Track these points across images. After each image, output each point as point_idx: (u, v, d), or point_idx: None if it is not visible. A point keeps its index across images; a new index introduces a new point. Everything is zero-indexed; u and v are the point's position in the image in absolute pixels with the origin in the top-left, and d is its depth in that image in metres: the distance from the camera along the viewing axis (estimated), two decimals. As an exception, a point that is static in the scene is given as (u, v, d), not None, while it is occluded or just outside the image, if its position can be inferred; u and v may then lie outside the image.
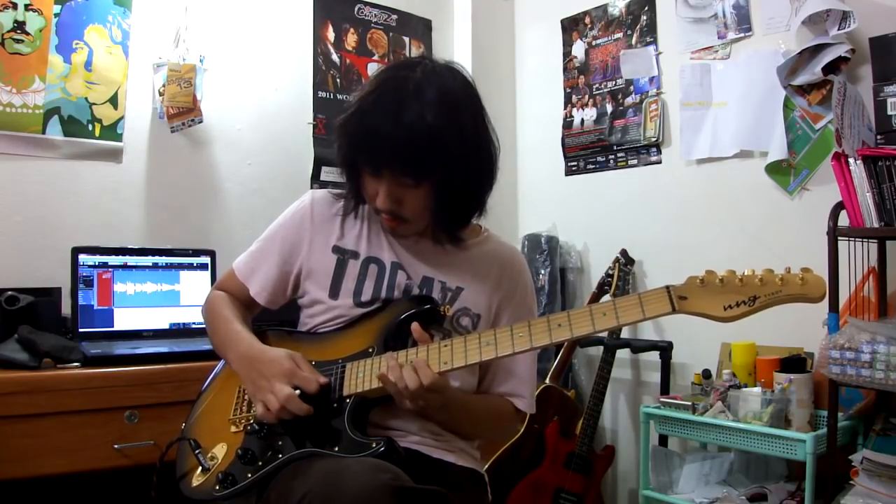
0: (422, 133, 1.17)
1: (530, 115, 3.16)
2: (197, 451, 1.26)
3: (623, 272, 2.56)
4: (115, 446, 1.74)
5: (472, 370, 1.36)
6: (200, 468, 1.25)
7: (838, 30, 2.06)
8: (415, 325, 1.21)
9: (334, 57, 2.80)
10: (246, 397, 1.31)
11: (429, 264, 1.36)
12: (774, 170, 2.30)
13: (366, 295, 1.33)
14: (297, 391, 1.18)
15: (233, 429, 1.29)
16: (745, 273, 1.05)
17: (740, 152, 2.40)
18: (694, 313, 1.06)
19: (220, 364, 1.44)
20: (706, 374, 2.25)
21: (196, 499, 1.23)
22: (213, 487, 1.21)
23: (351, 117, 1.25)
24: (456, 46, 3.10)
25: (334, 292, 1.35)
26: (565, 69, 3.00)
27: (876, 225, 1.86)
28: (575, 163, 2.96)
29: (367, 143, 1.22)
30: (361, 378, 1.22)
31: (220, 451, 1.26)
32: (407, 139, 1.17)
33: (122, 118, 2.30)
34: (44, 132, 2.15)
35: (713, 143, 2.47)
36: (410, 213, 1.28)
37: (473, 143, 1.26)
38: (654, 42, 2.67)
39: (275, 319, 1.46)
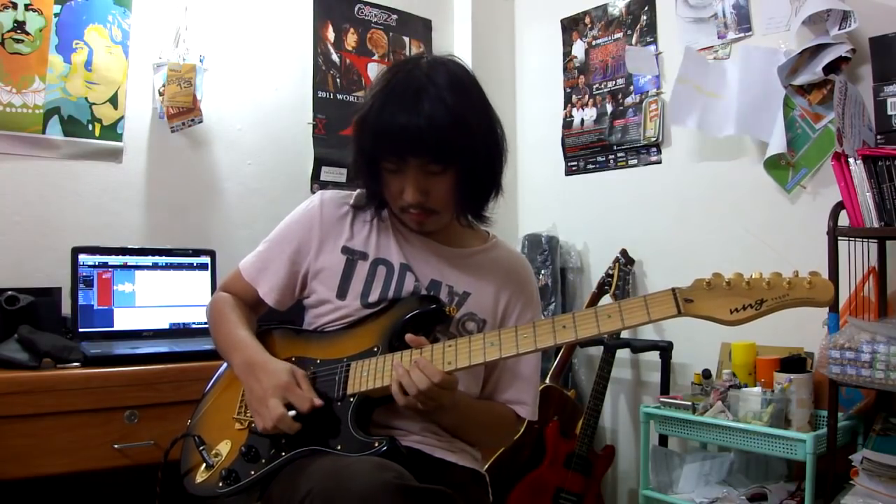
0: (444, 116, 1.19)
1: (530, 115, 3.16)
2: (201, 448, 1.27)
3: (623, 272, 2.56)
4: (115, 446, 1.75)
5: (475, 377, 1.36)
6: (204, 465, 1.25)
7: (839, 29, 2.06)
8: (409, 336, 1.21)
9: (334, 57, 2.80)
10: None
11: (436, 268, 1.36)
12: (773, 166, 2.30)
13: (373, 296, 1.33)
14: (292, 412, 1.17)
15: (237, 426, 1.29)
16: (752, 276, 1.04)
17: (741, 151, 2.40)
18: (700, 316, 1.05)
19: (226, 363, 1.44)
20: (706, 373, 2.25)
21: (199, 495, 1.23)
22: (217, 484, 1.21)
23: (367, 114, 1.24)
24: (456, 46, 3.09)
25: (342, 293, 1.34)
26: (565, 69, 3.01)
27: (876, 225, 1.86)
28: (575, 163, 2.96)
29: (390, 135, 1.21)
30: (366, 377, 1.22)
31: (224, 447, 1.27)
32: (430, 124, 1.18)
33: (122, 118, 2.30)
34: (44, 132, 2.15)
35: (702, 120, 2.40)
36: (439, 202, 1.28)
37: (487, 123, 1.29)
38: (654, 42, 2.67)
39: (278, 318, 1.46)
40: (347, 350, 1.28)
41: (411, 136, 1.19)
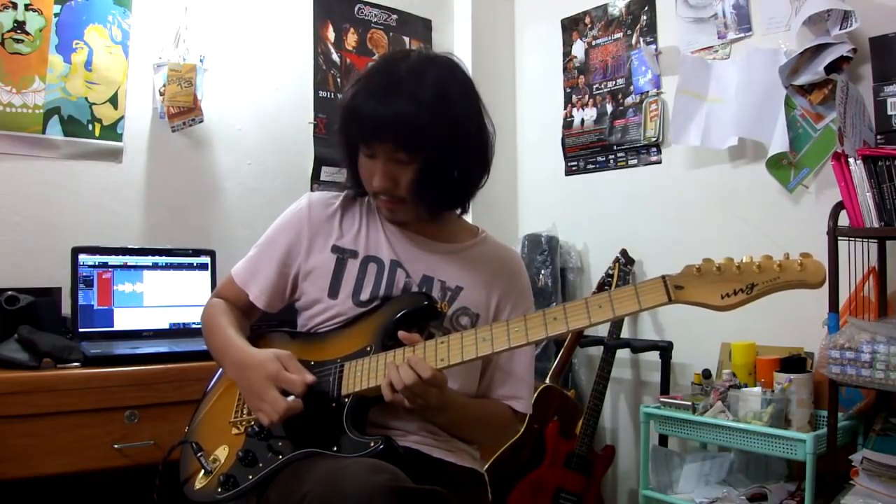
0: (412, 112, 1.20)
1: (530, 115, 3.16)
2: (199, 454, 1.26)
3: (623, 272, 2.56)
4: (115, 446, 1.74)
5: (472, 374, 1.37)
6: (203, 471, 1.25)
7: (840, 29, 2.06)
8: (402, 333, 1.21)
9: (335, 56, 2.80)
10: None
11: (428, 263, 1.36)
12: (775, 166, 2.30)
13: (365, 294, 1.33)
14: (291, 396, 1.18)
15: (234, 431, 1.29)
16: (743, 260, 1.04)
17: (741, 151, 2.40)
18: (691, 303, 1.05)
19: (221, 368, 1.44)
20: (706, 373, 2.25)
21: (199, 501, 1.23)
22: (216, 490, 1.21)
23: (341, 100, 1.30)
24: (456, 46, 3.09)
25: (333, 292, 1.35)
26: (565, 69, 3.00)
27: (876, 225, 1.86)
28: (575, 163, 2.96)
29: (358, 119, 1.24)
30: (359, 377, 1.22)
31: (221, 453, 1.27)
32: (396, 118, 1.20)
33: (122, 118, 2.30)
34: (44, 132, 2.15)
35: (705, 134, 2.43)
36: (406, 192, 1.28)
37: (465, 124, 1.28)
38: (654, 42, 2.67)
39: (275, 320, 1.46)
40: (341, 350, 1.28)
41: (376, 124, 1.22)
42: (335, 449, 1.17)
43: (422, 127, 1.21)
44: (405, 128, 1.21)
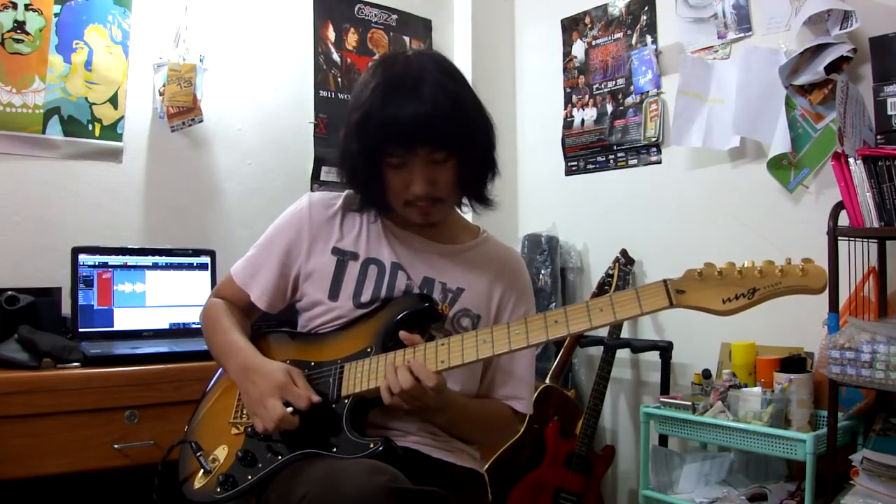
0: (446, 101, 1.21)
1: (530, 115, 3.16)
2: (198, 454, 1.26)
3: (623, 272, 2.56)
4: (115, 446, 1.75)
5: (473, 375, 1.37)
6: (202, 471, 1.25)
7: (840, 29, 2.06)
8: (403, 334, 1.21)
9: (335, 56, 2.80)
10: None
11: (429, 265, 1.36)
12: (775, 166, 2.30)
13: (365, 296, 1.33)
14: (290, 408, 1.18)
15: (234, 431, 1.29)
16: (745, 265, 1.03)
17: (741, 151, 2.40)
18: (692, 307, 1.05)
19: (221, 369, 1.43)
20: (706, 373, 2.25)
21: (198, 501, 1.23)
22: (215, 490, 1.21)
23: (370, 110, 1.23)
24: (456, 46, 3.10)
25: (334, 294, 1.34)
26: (565, 69, 3.00)
27: (876, 225, 1.86)
28: (575, 163, 2.96)
29: (399, 125, 1.21)
30: (360, 378, 1.22)
31: (221, 453, 1.27)
32: (436, 110, 1.20)
33: (122, 118, 2.30)
34: (44, 132, 2.15)
35: (707, 135, 2.44)
36: (445, 190, 1.28)
37: (478, 106, 1.31)
38: (655, 42, 2.67)
39: (275, 320, 1.46)
40: (341, 351, 1.28)
41: (421, 124, 1.20)
42: (334, 450, 1.17)
43: (456, 122, 1.22)
44: (444, 126, 1.20)
